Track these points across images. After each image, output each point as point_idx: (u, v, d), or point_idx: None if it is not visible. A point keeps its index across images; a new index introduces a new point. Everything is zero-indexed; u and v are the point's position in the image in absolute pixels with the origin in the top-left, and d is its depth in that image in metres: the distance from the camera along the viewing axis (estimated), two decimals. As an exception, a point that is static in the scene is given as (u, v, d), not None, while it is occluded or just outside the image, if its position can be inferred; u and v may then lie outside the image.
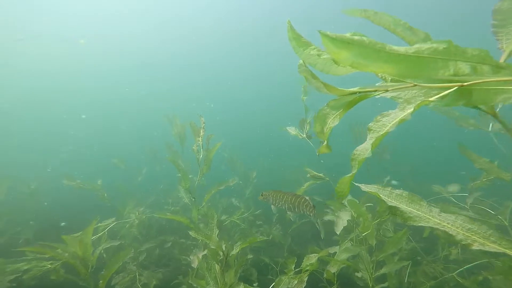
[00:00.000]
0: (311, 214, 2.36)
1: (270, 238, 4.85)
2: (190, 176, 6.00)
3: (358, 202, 2.05)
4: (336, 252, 2.07)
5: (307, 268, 1.80)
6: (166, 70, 28.85)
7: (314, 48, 0.84)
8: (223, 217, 4.90)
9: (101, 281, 1.80)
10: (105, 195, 4.70)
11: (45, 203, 6.80)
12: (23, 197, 5.82)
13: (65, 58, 24.14)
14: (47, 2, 19.53)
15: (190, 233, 2.16)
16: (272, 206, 2.74)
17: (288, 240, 4.60)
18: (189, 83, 31.09)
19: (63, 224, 5.32)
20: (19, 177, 5.86)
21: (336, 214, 1.96)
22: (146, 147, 8.00)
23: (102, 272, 1.91)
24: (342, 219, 1.89)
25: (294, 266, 1.88)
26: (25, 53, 21.87)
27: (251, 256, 3.35)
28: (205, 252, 2.34)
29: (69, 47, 23.17)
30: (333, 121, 0.98)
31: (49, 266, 2.96)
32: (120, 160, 6.65)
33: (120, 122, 31.13)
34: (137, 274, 3.85)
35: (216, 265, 2.08)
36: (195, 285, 2.28)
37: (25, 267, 2.75)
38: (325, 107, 0.98)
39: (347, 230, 4.58)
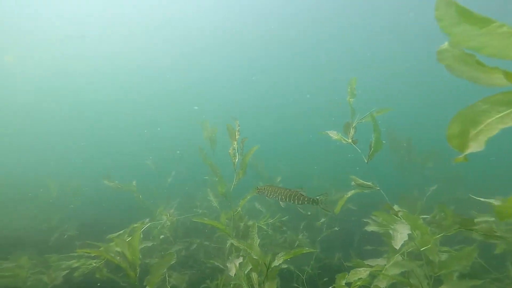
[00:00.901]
0: (299, 203, 2.77)
1: (295, 245, 4.83)
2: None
3: (412, 214, 1.96)
4: (382, 266, 2.01)
5: (358, 283, 1.77)
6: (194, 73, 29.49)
7: (499, 26, 0.65)
8: (249, 222, 4.96)
9: (147, 287, 1.92)
10: (140, 196, 4.95)
11: (81, 203, 7.33)
12: (66, 196, 6.33)
13: (102, 59, 25.70)
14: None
15: (232, 241, 2.20)
16: (280, 202, 2.97)
17: (317, 249, 4.55)
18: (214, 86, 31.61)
19: (104, 228, 5.72)
20: (64, 176, 6.38)
21: (392, 227, 1.87)
22: (173, 150, 8.33)
23: (148, 277, 2.02)
24: (401, 233, 1.77)
25: (344, 281, 1.85)
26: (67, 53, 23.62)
27: (285, 266, 3.37)
28: (240, 260, 2.38)
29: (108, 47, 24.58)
30: (497, 123, 0.74)
31: (94, 264, 3.19)
32: (152, 162, 7.00)
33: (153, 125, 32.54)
34: (166, 275, 4.02)
35: (255, 274, 2.11)
36: None
37: (76, 265, 3.00)
38: (480, 103, 0.76)
39: (381, 242, 4.42)
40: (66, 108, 29.95)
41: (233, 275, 2.18)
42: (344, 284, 1.78)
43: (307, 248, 1.92)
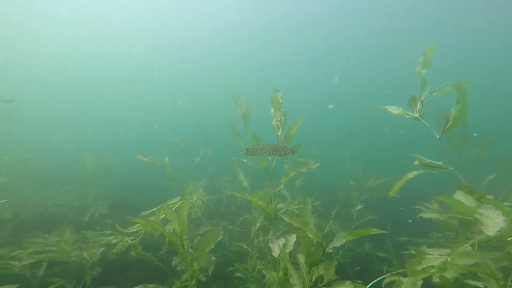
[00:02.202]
0: (282, 154, 3.13)
1: (325, 232, 4.69)
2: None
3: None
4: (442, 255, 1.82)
5: (432, 270, 1.60)
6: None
7: None
8: (280, 205, 4.85)
9: (194, 264, 1.86)
10: (172, 173, 5.01)
11: (111, 180, 7.67)
12: (99, 173, 6.63)
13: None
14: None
15: (284, 218, 2.07)
16: (268, 157, 3.28)
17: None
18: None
19: (135, 204, 5.89)
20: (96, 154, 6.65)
21: (479, 212, 1.65)
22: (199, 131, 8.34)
23: (195, 254, 1.95)
24: (492, 219, 1.54)
25: (419, 266, 1.68)
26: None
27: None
28: (284, 240, 2.25)
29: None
30: None
31: (130, 242, 3.26)
32: (181, 140, 7.07)
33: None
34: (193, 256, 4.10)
35: (301, 256, 1.99)
36: (268, 276, 2.24)
37: (114, 241, 3.08)
38: None
39: (416, 233, 4.14)
40: (101, 93, 31.42)
41: (276, 256, 2.07)
42: (415, 270, 1.61)
43: (374, 229, 1.72)
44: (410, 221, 4.89)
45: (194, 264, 1.84)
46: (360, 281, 2.03)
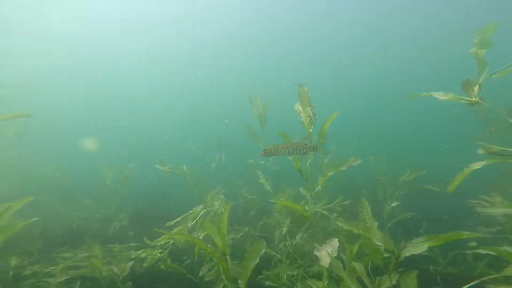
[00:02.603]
0: (304, 152, 3.01)
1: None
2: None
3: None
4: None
5: None
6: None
7: None
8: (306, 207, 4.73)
9: (240, 281, 1.78)
10: (193, 181, 4.92)
11: (130, 190, 7.76)
12: (118, 185, 6.71)
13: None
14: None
15: (340, 224, 1.90)
16: (288, 157, 3.17)
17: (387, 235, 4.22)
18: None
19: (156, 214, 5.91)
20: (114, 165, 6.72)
21: None
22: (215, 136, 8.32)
23: (240, 269, 1.88)
24: None
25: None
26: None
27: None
28: (335, 244, 2.10)
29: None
30: None
31: (159, 255, 3.24)
32: (196, 147, 7.07)
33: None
34: (220, 266, 4.05)
35: (358, 265, 1.84)
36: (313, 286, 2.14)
37: (143, 255, 3.08)
38: None
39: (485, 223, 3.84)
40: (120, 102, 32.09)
41: (326, 265, 1.92)
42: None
43: (466, 233, 1.48)
44: (445, 216, 4.66)
45: (240, 281, 1.78)
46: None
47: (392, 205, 4.33)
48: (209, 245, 1.95)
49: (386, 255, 1.79)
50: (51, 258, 4.15)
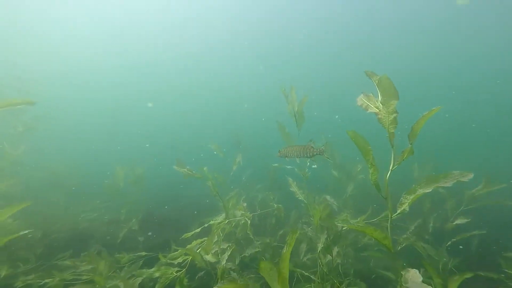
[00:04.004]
0: (310, 155, 3.11)
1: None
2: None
3: None
4: None
5: None
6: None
7: None
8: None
9: None
10: (214, 186, 4.35)
11: (142, 193, 7.34)
12: (128, 185, 6.31)
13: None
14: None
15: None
16: (296, 158, 3.23)
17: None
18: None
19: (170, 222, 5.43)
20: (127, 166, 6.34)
21: None
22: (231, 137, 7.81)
23: None
24: None
25: None
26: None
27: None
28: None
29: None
30: None
31: (175, 274, 2.72)
32: (217, 147, 6.55)
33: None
34: (238, 280, 3.48)
35: None
36: None
37: (157, 274, 2.56)
38: None
39: None
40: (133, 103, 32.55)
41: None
42: None
43: None
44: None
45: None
46: None
47: (457, 221, 3.59)
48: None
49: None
50: (50, 266, 3.71)
